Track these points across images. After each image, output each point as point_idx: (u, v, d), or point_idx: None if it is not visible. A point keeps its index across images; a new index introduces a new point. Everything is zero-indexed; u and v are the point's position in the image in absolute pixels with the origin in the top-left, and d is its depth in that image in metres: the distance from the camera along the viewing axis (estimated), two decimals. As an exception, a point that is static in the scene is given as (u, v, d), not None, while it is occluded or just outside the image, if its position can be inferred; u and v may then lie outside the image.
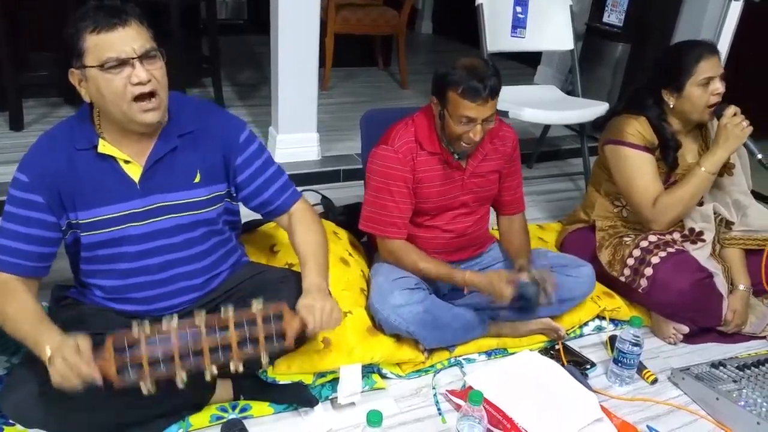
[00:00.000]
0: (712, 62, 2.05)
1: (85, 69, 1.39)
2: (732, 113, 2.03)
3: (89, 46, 1.37)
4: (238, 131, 1.66)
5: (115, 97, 1.40)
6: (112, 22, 1.37)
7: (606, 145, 2.23)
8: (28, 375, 1.41)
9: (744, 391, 1.84)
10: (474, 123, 1.78)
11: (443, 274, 1.92)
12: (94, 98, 1.44)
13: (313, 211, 1.78)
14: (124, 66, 1.38)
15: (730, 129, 2.02)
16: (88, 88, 1.42)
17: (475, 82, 1.73)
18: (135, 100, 1.40)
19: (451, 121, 1.80)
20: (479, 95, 1.74)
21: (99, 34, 1.36)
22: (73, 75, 1.43)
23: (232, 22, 6.04)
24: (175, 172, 1.56)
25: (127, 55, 1.38)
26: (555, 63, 4.74)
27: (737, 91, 2.24)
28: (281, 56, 3.01)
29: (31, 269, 1.49)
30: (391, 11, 4.55)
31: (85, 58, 1.38)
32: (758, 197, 2.46)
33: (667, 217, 2.12)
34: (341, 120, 3.80)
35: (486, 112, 1.77)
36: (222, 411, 1.69)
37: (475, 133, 1.79)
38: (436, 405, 1.82)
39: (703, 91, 2.06)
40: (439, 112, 1.84)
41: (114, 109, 1.42)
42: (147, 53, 1.40)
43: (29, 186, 1.46)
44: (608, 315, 2.22)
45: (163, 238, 1.57)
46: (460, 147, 1.88)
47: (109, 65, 1.37)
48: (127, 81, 1.39)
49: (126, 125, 1.46)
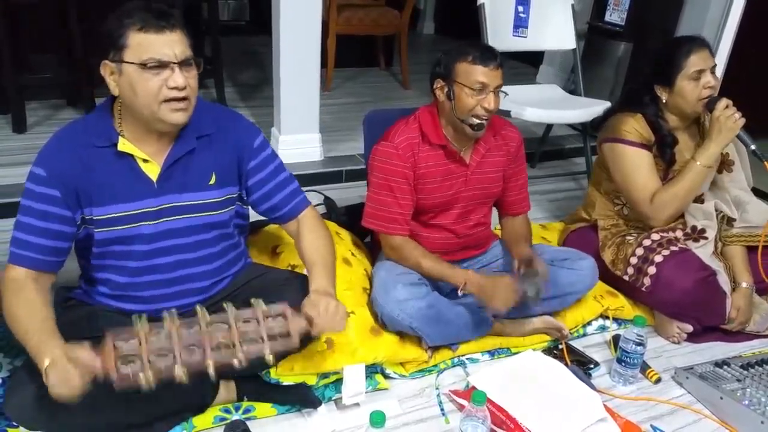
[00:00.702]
0: (702, 55, 2.06)
1: (122, 63, 1.40)
2: (724, 106, 2.03)
3: (133, 43, 1.38)
4: (252, 136, 1.68)
5: (147, 96, 1.42)
6: (160, 25, 1.39)
7: (604, 144, 2.24)
8: (30, 377, 1.41)
9: (748, 390, 1.83)
10: (487, 90, 1.80)
11: (445, 271, 1.91)
12: (123, 93, 1.44)
13: (321, 219, 1.79)
14: (164, 69, 1.40)
15: (722, 121, 2.02)
16: (120, 82, 1.43)
17: (484, 48, 1.83)
18: (166, 101, 1.43)
19: (464, 93, 1.81)
20: (491, 60, 1.80)
21: (146, 33, 1.38)
22: (105, 66, 1.43)
23: (234, 22, 6.05)
24: (191, 173, 1.57)
25: (169, 58, 1.40)
26: (557, 62, 4.74)
27: (741, 88, 2.24)
28: (283, 57, 3.01)
29: (46, 263, 1.50)
30: (392, 11, 4.55)
31: (124, 53, 1.39)
32: (759, 194, 2.46)
33: (665, 212, 2.13)
34: (343, 120, 3.80)
35: (497, 80, 1.81)
36: (225, 412, 1.69)
37: (489, 102, 1.80)
38: (440, 405, 1.82)
39: (695, 85, 2.07)
40: (447, 93, 1.85)
41: (143, 107, 1.44)
42: (186, 60, 1.43)
43: (46, 180, 1.46)
44: (612, 314, 2.21)
45: (175, 238, 1.58)
46: (475, 126, 1.84)
47: (150, 65, 1.39)
48: (163, 83, 1.41)
49: (151, 124, 1.48)
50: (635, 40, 3.70)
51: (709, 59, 2.08)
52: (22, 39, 3.30)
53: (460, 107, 1.84)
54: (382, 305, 1.87)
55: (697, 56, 2.06)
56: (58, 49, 3.44)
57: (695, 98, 2.08)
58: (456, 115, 1.86)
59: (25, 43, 3.37)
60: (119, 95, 1.46)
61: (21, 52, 3.30)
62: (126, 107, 1.48)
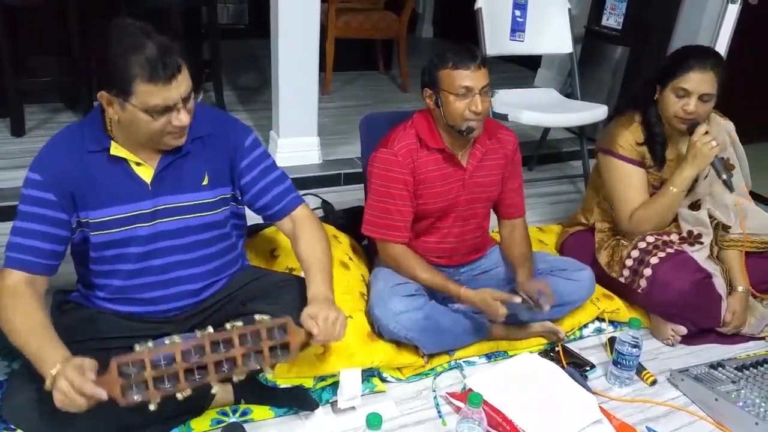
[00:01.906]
0: (700, 78, 2.00)
1: (125, 103, 1.39)
2: (702, 132, 2.01)
3: (139, 92, 1.37)
4: (244, 135, 1.69)
5: (150, 133, 1.44)
6: (168, 76, 1.37)
7: (598, 153, 2.26)
8: (27, 380, 1.41)
9: (743, 391, 1.84)
10: (472, 93, 1.79)
11: (439, 284, 1.92)
12: (124, 123, 1.44)
13: (316, 218, 1.79)
14: (169, 111, 1.41)
15: (699, 147, 2.00)
16: (122, 115, 1.42)
17: (463, 52, 1.80)
18: (169, 133, 1.45)
19: (450, 99, 1.81)
20: (472, 61, 1.78)
21: (155, 84, 1.36)
22: (103, 97, 1.41)
23: (233, 26, 6.05)
24: (185, 174, 1.59)
25: (174, 102, 1.41)
26: (555, 66, 4.75)
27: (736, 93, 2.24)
28: (282, 60, 3.02)
29: (42, 267, 1.50)
30: (391, 15, 4.56)
31: (130, 98, 1.38)
32: (757, 198, 2.47)
33: (641, 229, 2.17)
34: (342, 124, 3.81)
35: (482, 81, 1.80)
36: (223, 415, 1.70)
37: (477, 104, 1.79)
38: (437, 408, 1.82)
39: (676, 101, 2.05)
40: (435, 100, 1.85)
41: (143, 138, 1.46)
42: (188, 95, 1.44)
43: (42, 184, 1.47)
44: (607, 317, 2.22)
45: (170, 239, 1.59)
46: (466, 130, 1.84)
47: (156, 111, 1.40)
48: (167, 122, 1.42)
49: (149, 146, 1.51)
50: (632, 44, 3.70)
51: (705, 85, 2.00)
52: (21, 42, 3.31)
53: (449, 113, 1.84)
54: (378, 317, 1.87)
55: (696, 76, 2.00)
56: (58, 52, 3.45)
57: (671, 112, 2.07)
58: (447, 121, 1.87)
59: (25, 46, 3.37)
60: (118, 121, 1.45)
61: (20, 55, 3.30)
62: (123, 128, 1.48)
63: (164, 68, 1.36)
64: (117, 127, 1.49)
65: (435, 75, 1.84)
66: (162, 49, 1.36)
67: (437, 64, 1.83)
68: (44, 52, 3.46)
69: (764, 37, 3.82)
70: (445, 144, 1.93)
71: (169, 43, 1.39)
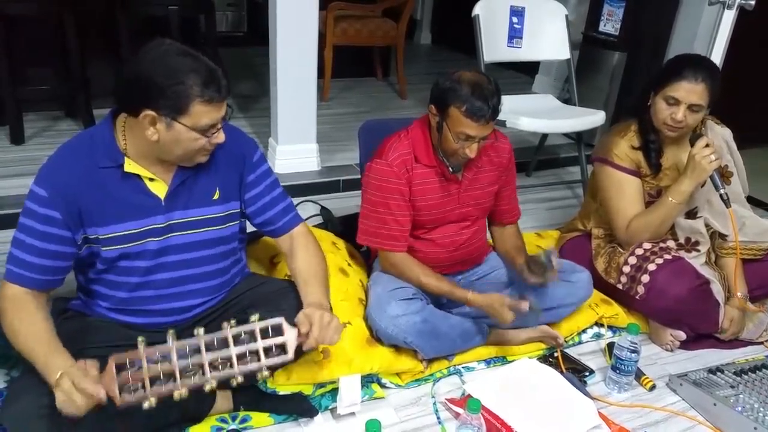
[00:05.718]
0: (688, 88, 1.98)
1: (173, 121, 1.41)
2: (702, 145, 2.00)
3: (194, 112, 1.40)
4: (252, 150, 1.71)
5: (190, 151, 1.47)
6: (221, 98, 1.44)
7: (594, 161, 2.26)
8: (27, 388, 1.41)
9: (741, 396, 1.85)
10: (472, 141, 1.79)
11: (445, 290, 1.92)
12: (163, 141, 1.44)
13: (314, 237, 1.81)
14: (212, 130, 1.45)
15: (698, 160, 1.99)
16: (164, 134, 1.42)
17: (480, 102, 1.73)
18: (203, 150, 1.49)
19: (450, 135, 1.80)
20: (483, 116, 1.74)
21: (209, 106, 1.41)
22: (147, 116, 1.40)
23: (232, 34, 6.07)
24: (197, 188, 1.59)
25: (217, 121, 1.45)
26: (552, 72, 4.76)
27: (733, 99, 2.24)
28: (280, 68, 3.03)
29: (46, 283, 1.50)
30: (389, 22, 4.58)
31: (182, 117, 1.40)
32: (754, 203, 2.48)
33: (638, 239, 2.16)
34: (340, 131, 3.82)
35: (485, 132, 1.79)
36: (222, 422, 1.70)
37: (471, 151, 1.80)
38: (436, 414, 1.83)
39: (665, 108, 2.04)
40: (438, 123, 1.84)
41: (177, 155, 1.48)
42: (226, 115, 1.49)
43: (48, 201, 1.45)
44: (606, 322, 2.23)
45: (178, 253, 1.60)
46: (456, 160, 1.89)
47: (203, 130, 1.43)
48: (208, 141, 1.46)
49: (172, 162, 1.52)
50: (629, 50, 3.72)
51: (695, 96, 1.98)
52: (20, 51, 3.32)
53: (444, 145, 1.85)
54: (376, 321, 1.87)
55: (687, 86, 1.98)
56: (56, 61, 3.46)
57: (660, 120, 2.07)
58: (441, 146, 1.87)
59: (23, 55, 3.38)
60: (156, 140, 1.44)
61: (19, 64, 3.31)
62: (151, 147, 1.47)
63: (219, 90, 1.42)
64: (130, 133, 1.48)
65: (446, 103, 1.78)
66: (215, 70, 1.43)
67: (453, 96, 1.75)
68: (42, 61, 3.47)
69: (761, 42, 3.84)
70: (439, 160, 1.92)
71: (215, 65, 1.44)
